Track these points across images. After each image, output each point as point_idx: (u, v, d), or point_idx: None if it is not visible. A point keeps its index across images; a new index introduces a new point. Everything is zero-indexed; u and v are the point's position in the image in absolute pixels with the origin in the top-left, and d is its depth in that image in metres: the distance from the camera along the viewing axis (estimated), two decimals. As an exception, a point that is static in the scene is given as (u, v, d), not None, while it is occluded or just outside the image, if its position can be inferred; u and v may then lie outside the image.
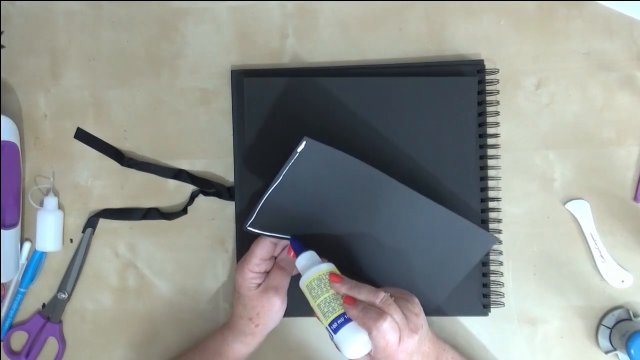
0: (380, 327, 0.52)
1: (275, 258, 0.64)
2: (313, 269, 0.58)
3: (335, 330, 0.55)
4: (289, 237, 0.62)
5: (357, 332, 0.54)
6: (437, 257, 0.64)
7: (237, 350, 0.63)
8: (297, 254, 0.60)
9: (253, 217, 0.59)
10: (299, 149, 0.56)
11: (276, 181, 0.58)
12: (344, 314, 0.55)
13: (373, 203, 0.61)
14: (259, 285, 0.62)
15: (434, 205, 0.62)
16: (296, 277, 0.61)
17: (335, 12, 0.70)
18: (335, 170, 0.59)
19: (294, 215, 0.61)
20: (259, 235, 0.62)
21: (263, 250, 0.61)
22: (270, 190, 0.58)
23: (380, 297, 0.54)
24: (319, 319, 0.57)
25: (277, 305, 0.61)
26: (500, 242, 0.67)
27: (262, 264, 0.62)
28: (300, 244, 0.61)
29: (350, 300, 0.55)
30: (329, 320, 0.55)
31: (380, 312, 0.53)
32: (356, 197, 0.61)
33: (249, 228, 0.60)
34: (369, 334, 0.53)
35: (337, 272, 0.58)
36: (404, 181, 0.62)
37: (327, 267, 0.58)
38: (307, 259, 0.59)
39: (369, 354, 0.55)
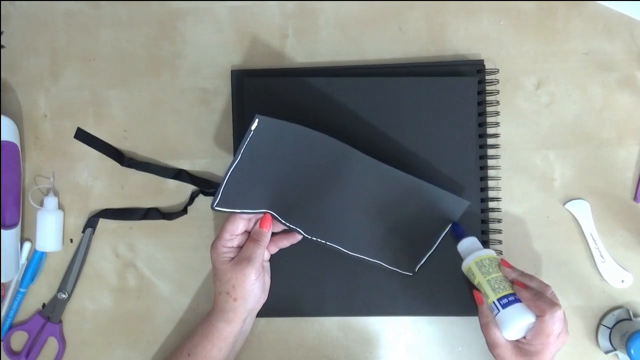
0: (554, 314, 0.55)
1: (250, 233, 0.64)
2: (483, 251, 0.62)
3: (505, 306, 0.58)
4: (258, 211, 0.62)
5: (525, 313, 0.57)
6: (411, 223, 0.65)
7: (222, 330, 0.63)
8: (459, 239, 0.64)
9: (218, 198, 0.59)
10: (253, 127, 0.56)
11: (235, 161, 0.58)
12: (513, 294, 0.59)
13: (337, 173, 0.61)
14: (233, 259, 0.62)
15: (400, 174, 0.62)
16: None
17: (335, 12, 0.70)
18: (293, 143, 0.59)
19: (260, 191, 0.61)
20: (228, 212, 0.62)
21: (233, 225, 0.62)
22: (231, 171, 0.58)
23: (550, 290, 0.58)
24: (482, 294, 0.61)
25: (250, 276, 0.60)
26: (470, 203, 0.65)
27: (234, 239, 0.62)
28: (462, 229, 0.65)
29: (521, 284, 0.59)
30: (499, 295, 0.59)
31: (553, 302, 0.56)
32: (319, 168, 0.61)
33: (216, 208, 0.60)
34: (541, 317, 0.56)
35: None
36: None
37: (494, 252, 0.63)
38: (472, 242, 0.64)
39: (517, 339, 0.59)
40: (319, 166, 0.61)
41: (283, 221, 0.63)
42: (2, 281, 0.68)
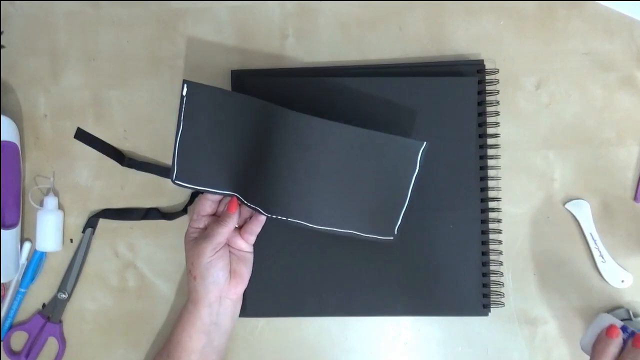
0: None
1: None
2: None
3: None
4: (223, 192, 0.63)
5: None
6: (373, 181, 0.61)
7: (190, 312, 0.63)
8: None
9: (175, 170, 0.61)
10: (184, 93, 0.58)
11: (178, 130, 0.59)
12: None
13: (281, 141, 0.60)
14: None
15: (349, 128, 0.59)
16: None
17: (335, 12, 0.70)
18: (233, 111, 0.60)
19: (217, 165, 0.62)
20: (192, 189, 0.63)
21: (200, 206, 0.64)
22: (178, 141, 0.60)
23: None
24: None
25: (205, 251, 0.61)
26: (426, 142, 0.61)
27: (201, 220, 0.64)
28: None
29: None
30: None
31: None
32: (263, 138, 0.60)
33: (176, 182, 0.62)
34: None
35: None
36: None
37: None
38: None
39: None
40: (263, 135, 0.60)
41: (245, 202, 0.63)
42: (2, 281, 0.68)
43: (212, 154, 0.62)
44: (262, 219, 0.64)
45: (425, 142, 0.60)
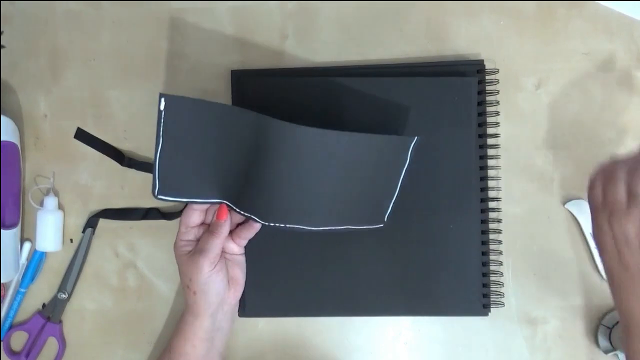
0: None
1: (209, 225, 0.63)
2: None
3: None
4: (211, 201, 0.61)
5: None
6: (366, 179, 0.61)
7: (191, 323, 0.62)
8: None
9: (157, 185, 0.58)
10: (161, 107, 0.55)
11: (158, 145, 0.57)
12: None
13: (277, 148, 0.57)
14: (190, 252, 0.62)
15: (341, 135, 0.57)
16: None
17: (335, 12, 0.70)
18: (217, 121, 0.57)
19: (204, 176, 0.60)
20: (177, 202, 0.61)
21: (188, 218, 0.62)
22: (158, 155, 0.57)
23: None
24: None
25: (204, 267, 0.60)
26: (417, 138, 0.61)
27: (190, 232, 0.62)
28: None
29: None
30: None
31: None
32: (252, 147, 0.58)
33: (159, 197, 0.59)
34: None
35: None
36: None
37: None
38: None
39: None
40: (252, 144, 0.58)
41: (237, 210, 0.61)
42: (2, 281, 0.68)
43: (196, 165, 0.59)
44: (257, 226, 0.63)
45: (416, 137, 0.60)
